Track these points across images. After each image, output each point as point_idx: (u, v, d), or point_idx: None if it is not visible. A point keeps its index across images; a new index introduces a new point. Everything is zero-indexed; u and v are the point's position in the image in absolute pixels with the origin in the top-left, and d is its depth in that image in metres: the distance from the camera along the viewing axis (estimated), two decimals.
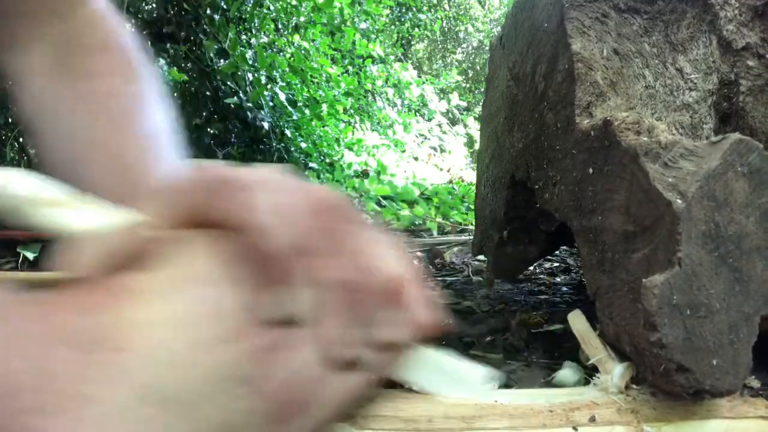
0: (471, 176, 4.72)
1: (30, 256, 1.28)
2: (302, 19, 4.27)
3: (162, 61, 3.15)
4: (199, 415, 0.22)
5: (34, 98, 0.54)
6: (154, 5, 3.34)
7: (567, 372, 0.53)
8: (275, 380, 0.24)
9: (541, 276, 1.37)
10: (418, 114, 5.88)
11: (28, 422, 0.20)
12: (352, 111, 5.04)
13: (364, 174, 3.93)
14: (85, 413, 0.21)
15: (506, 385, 0.55)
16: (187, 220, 0.26)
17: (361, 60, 5.31)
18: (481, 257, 1.30)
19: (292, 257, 0.24)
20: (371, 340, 0.27)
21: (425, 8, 7.85)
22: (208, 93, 3.42)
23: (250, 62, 3.67)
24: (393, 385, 0.35)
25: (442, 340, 0.32)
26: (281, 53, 4.18)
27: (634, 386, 0.42)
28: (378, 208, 2.65)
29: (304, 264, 0.25)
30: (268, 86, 3.81)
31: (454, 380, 0.37)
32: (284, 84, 4.01)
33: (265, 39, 4.03)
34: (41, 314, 0.23)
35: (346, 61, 5.22)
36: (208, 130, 3.48)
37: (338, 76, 4.60)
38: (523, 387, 0.54)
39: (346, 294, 0.26)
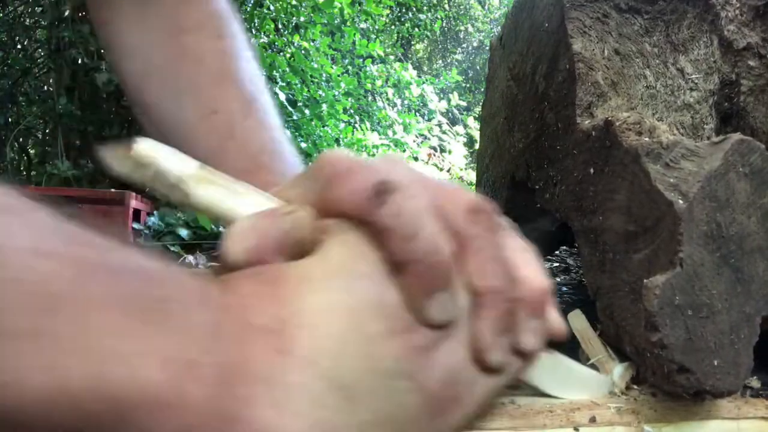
0: (471, 176, 4.72)
1: None
2: (302, 19, 4.27)
3: None
4: (370, 407, 0.23)
5: (128, 57, 0.50)
6: None
7: None
8: (433, 377, 0.25)
9: None
10: (418, 114, 5.88)
11: (241, 411, 0.21)
12: (352, 111, 5.03)
13: None
14: (286, 400, 0.22)
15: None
16: (332, 212, 0.26)
17: (361, 60, 5.30)
18: None
19: (447, 260, 0.25)
20: (513, 345, 0.28)
21: (425, 8, 7.85)
22: None
23: None
24: None
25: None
26: (281, 53, 4.18)
27: (635, 386, 0.42)
28: None
29: (458, 267, 0.26)
30: (268, 86, 3.81)
31: (572, 383, 0.38)
32: (284, 84, 4.01)
33: (265, 39, 4.03)
34: (226, 304, 0.23)
35: (346, 61, 5.21)
36: None
37: (338, 76, 4.59)
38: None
39: (497, 300, 0.26)
